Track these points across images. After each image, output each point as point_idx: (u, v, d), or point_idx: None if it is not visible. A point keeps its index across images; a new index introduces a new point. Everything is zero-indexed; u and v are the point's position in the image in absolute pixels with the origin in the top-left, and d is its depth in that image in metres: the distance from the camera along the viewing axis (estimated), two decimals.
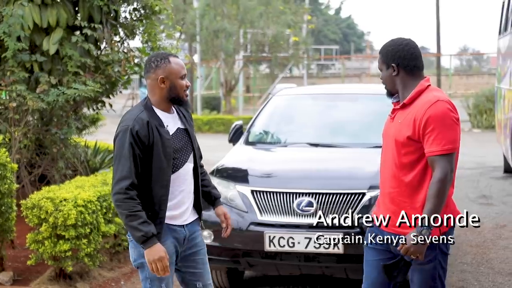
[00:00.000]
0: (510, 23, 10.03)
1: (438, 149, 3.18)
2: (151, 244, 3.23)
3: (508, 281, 5.80)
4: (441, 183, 3.18)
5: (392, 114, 3.39)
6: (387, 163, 3.38)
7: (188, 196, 3.49)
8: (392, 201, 3.35)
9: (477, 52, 75.30)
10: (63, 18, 6.41)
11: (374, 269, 3.50)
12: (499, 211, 8.80)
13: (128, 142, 3.24)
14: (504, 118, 10.68)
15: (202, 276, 3.60)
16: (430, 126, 3.20)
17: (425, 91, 3.32)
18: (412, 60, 3.33)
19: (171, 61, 3.34)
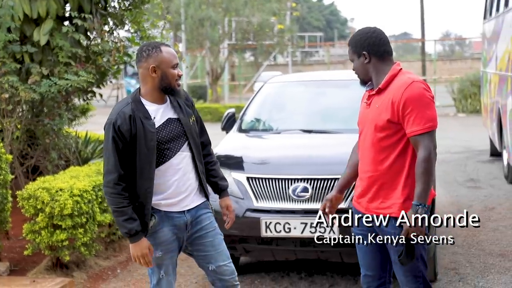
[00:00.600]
0: (495, 7, 10.12)
1: (419, 128, 3.29)
2: (135, 241, 3.34)
3: (499, 261, 5.90)
4: (427, 161, 3.29)
5: (368, 101, 3.47)
6: (365, 148, 3.47)
7: (186, 184, 3.49)
8: (373, 184, 3.44)
9: (459, 37, 75.64)
10: (53, 9, 6.39)
11: (367, 254, 3.60)
12: (487, 194, 8.92)
13: (111, 136, 3.32)
14: (490, 102, 10.80)
15: (214, 258, 3.60)
16: (409, 107, 3.29)
17: (398, 74, 3.41)
18: (381, 46, 3.43)
19: (162, 50, 3.36)
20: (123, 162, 3.34)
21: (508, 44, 8.65)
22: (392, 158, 3.38)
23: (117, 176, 3.31)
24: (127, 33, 7.62)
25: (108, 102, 28.42)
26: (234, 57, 32.51)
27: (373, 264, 3.60)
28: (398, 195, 3.38)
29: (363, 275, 3.66)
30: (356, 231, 3.59)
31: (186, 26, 23.86)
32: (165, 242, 3.47)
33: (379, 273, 3.60)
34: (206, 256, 3.61)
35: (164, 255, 3.48)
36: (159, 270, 3.50)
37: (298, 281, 5.53)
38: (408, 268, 3.44)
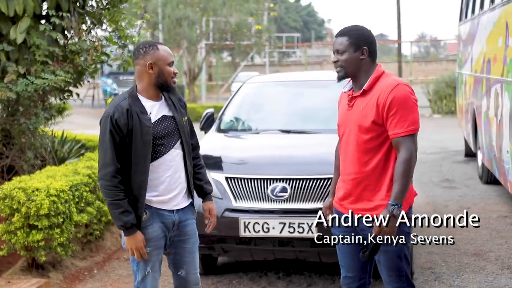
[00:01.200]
0: (471, 9, 10.23)
1: (402, 131, 3.32)
2: (130, 233, 3.41)
3: (473, 261, 5.97)
4: (407, 163, 3.32)
5: (350, 102, 3.46)
6: (349, 150, 3.47)
7: (177, 182, 3.57)
8: (357, 185, 3.46)
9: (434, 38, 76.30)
10: (30, 7, 6.32)
11: (348, 255, 3.62)
12: (462, 194, 9.02)
13: (108, 129, 3.40)
14: (466, 103, 10.91)
15: (187, 264, 3.66)
16: (393, 109, 3.32)
17: (382, 76, 3.44)
18: (375, 46, 3.48)
19: (159, 48, 3.46)
20: (119, 155, 3.41)
21: (483, 46, 8.76)
22: (377, 159, 3.40)
23: (114, 169, 3.38)
24: (104, 32, 7.57)
25: (84, 101, 28.22)
26: (211, 57, 32.45)
27: (354, 265, 3.62)
28: (382, 196, 3.40)
29: (343, 277, 3.67)
30: (337, 232, 3.60)
31: (163, 26, 23.76)
32: (154, 238, 3.52)
33: (359, 274, 3.62)
34: (180, 260, 3.66)
35: (152, 251, 3.52)
36: (145, 266, 3.53)
37: (276, 281, 5.54)
38: (392, 267, 3.47)
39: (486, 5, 8.56)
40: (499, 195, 8.77)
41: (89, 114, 26.07)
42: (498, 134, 7.59)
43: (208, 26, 25.44)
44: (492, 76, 8.04)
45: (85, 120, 22.76)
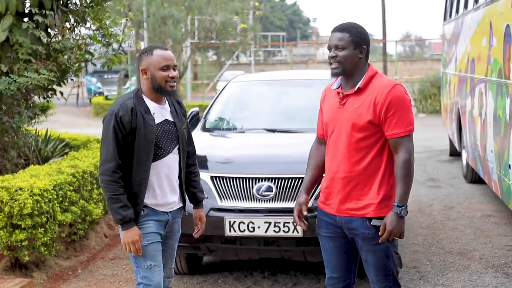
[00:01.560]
0: (455, 9, 10.27)
1: (401, 131, 3.34)
2: (128, 227, 3.50)
3: (458, 260, 6.00)
4: (408, 163, 3.35)
5: (342, 100, 3.44)
6: (339, 148, 3.45)
7: (170, 185, 3.67)
8: (346, 184, 3.44)
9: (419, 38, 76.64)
10: (12, 5, 6.26)
11: (333, 256, 3.60)
12: (446, 193, 9.06)
13: (112, 126, 3.47)
14: (450, 102, 10.96)
15: (165, 258, 3.80)
16: (392, 109, 3.33)
17: (376, 76, 3.44)
18: (370, 46, 3.47)
19: (153, 53, 3.54)
20: (121, 152, 3.49)
21: (468, 46, 8.80)
22: (369, 158, 3.39)
23: (115, 165, 3.46)
24: (88, 30, 7.51)
25: (69, 100, 28.07)
26: (196, 56, 32.36)
27: (339, 266, 3.61)
28: (373, 195, 3.40)
29: (328, 277, 3.66)
30: (322, 234, 3.59)
31: (148, 24, 23.63)
32: (149, 233, 3.61)
33: (344, 274, 3.61)
34: (162, 254, 3.75)
35: (149, 245, 3.60)
36: (145, 260, 3.61)
37: (261, 280, 5.53)
38: (379, 266, 3.47)
39: (470, 4, 8.60)
40: (483, 194, 8.82)
41: (74, 112, 25.95)
42: (482, 133, 7.63)
43: (193, 25, 25.34)
44: (476, 75, 8.08)
45: (70, 118, 22.64)
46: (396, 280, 3.55)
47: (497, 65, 6.69)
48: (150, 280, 3.59)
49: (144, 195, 3.55)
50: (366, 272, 3.55)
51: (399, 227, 3.33)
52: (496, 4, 6.87)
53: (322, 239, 3.62)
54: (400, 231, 3.34)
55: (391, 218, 3.32)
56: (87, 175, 6.18)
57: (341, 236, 3.54)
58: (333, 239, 3.56)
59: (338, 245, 3.57)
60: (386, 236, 3.33)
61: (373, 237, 3.40)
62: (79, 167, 6.14)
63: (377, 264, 3.47)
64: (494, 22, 6.91)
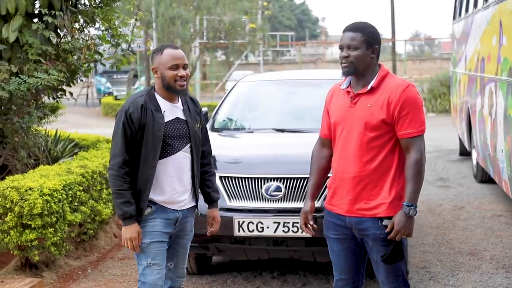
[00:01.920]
0: (464, 8, 10.23)
1: (414, 131, 3.35)
2: (128, 223, 3.55)
3: (468, 260, 5.97)
4: (419, 163, 3.35)
5: (353, 100, 3.42)
6: (349, 148, 3.43)
7: (181, 183, 3.68)
8: (357, 184, 3.42)
9: (429, 37, 76.38)
10: (22, 5, 6.28)
11: (341, 258, 3.59)
12: (456, 193, 9.02)
13: (121, 122, 3.54)
14: (460, 102, 10.92)
15: (177, 258, 3.82)
16: (406, 109, 3.34)
17: (388, 76, 3.44)
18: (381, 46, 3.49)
19: (163, 52, 3.58)
20: (130, 148, 3.55)
21: (477, 45, 8.76)
22: (381, 158, 3.38)
23: (122, 160, 3.52)
24: (97, 30, 7.52)
25: (79, 100, 28.16)
26: (205, 56, 32.39)
27: (347, 268, 3.59)
28: (385, 195, 3.39)
29: (337, 279, 3.64)
30: (330, 235, 3.58)
31: (157, 25, 23.69)
32: (154, 232, 3.63)
33: (353, 276, 3.60)
34: (173, 253, 3.81)
35: (151, 244, 3.62)
36: (146, 258, 3.63)
37: (270, 280, 5.53)
38: (390, 268, 3.45)
39: (480, 3, 8.57)
40: (493, 194, 8.78)
41: (83, 113, 26.03)
42: (492, 132, 7.59)
43: (202, 25, 25.38)
44: (486, 74, 8.04)
45: (79, 119, 22.72)
46: (406, 280, 3.53)
47: (507, 64, 6.66)
48: (146, 278, 3.62)
49: (149, 192, 3.58)
50: (376, 273, 3.53)
51: (407, 227, 3.32)
52: (506, 3, 6.83)
53: (330, 241, 3.60)
54: (408, 230, 3.34)
55: (400, 217, 3.32)
56: (97, 175, 6.19)
57: (349, 237, 3.52)
58: (342, 241, 3.55)
59: (347, 246, 3.55)
60: (393, 235, 3.32)
61: (384, 238, 3.38)
62: (88, 167, 6.15)
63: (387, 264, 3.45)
64: (504, 21, 6.87)
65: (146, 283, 3.62)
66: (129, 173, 3.55)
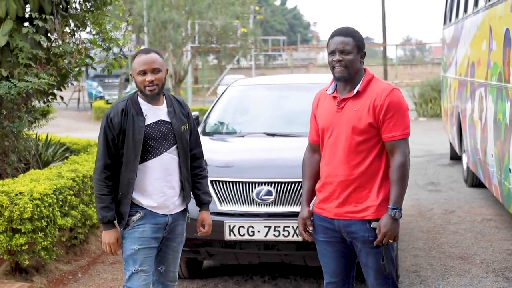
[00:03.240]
0: (455, 13, 10.28)
1: (398, 134, 3.39)
2: (107, 228, 3.62)
3: (458, 264, 5.99)
4: (404, 166, 3.39)
5: (340, 104, 3.45)
6: (337, 152, 3.46)
7: (168, 186, 3.67)
8: (346, 188, 3.44)
9: (420, 42, 76.68)
10: (12, 9, 6.27)
11: (331, 260, 3.60)
12: (447, 197, 9.05)
13: (103, 127, 3.61)
14: (451, 106, 10.96)
15: (168, 261, 3.80)
16: (390, 112, 3.37)
17: (373, 80, 3.48)
18: None
19: (135, 59, 3.63)
20: (112, 153, 3.59)
21: (467, 50, 8.80)
22: (369, 161, 3.42)
23: (103, 164, 3.57)
24: (88, 34, 7.51)
25: (70, 104, 28.09)
26: (197, 60, 32.41)
27: (338, 271, 3.60)
28: (373, 198, 3.41)
29: (327, 283, 3.65)
30: (320, 238, 3.59)
31: (148, 29, 23.69)
32: (143, 238, 3.62)
33: (343, 279, 3.61)
34: (164, 257, 3.79)
35: (140, 250, 3.61)
36: (133, 264, 3.63)
37: (261, 284, 5.53)
38: (379, 270, 3.46)
39: (470, 8, 8.61)
40: (484, 198, 8.81)
41: (75, 117, 25.96)
42: (482, 137, 7.62)
43: (193, 29, 25.40)
44: (476, 79, 8.08)
45: (71, 123, 22.65)
46: (395, 283, 3.55)
47: (497, 69, 6.69)
48: (132, 284, 3.61)
49: (131, 195, 3.60)
50: (365, 276, 3.55)
51: (393, 230, 3.35)
52: (495, 8, 6.87)
53: (320, 244, 3.61)
54: (394, 233, 3.36)
55: (385, 220, 3.35)
56: (87, 180, 6.18)
57: (339, 240, 3.54)
58: (331, 244, 3.56)
59: (337, 249, 3.56)
60: (380, 239, 3.35)
61: (373, 240, 3.40)
62: (79, 171, 6.14)
63: (377, 267, 3.47)
64: (494, 26, 6.91)
65: None
66: (111, 177, 3.59)
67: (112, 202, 3.57)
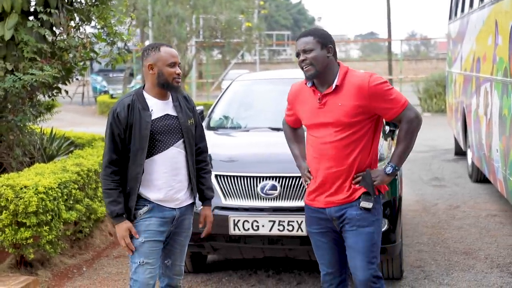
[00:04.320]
0: (460, 8, 10.25)
1: (398, 107, 3.48)
2: (117, 222, 3.62)
3: (463, 259, 5.98)
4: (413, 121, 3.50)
5: (322, 100, 3.52)
6: (325, 147, 3.52)
7: (176, 180, 3.68)
8: (338, 178, 3.53)
9: (425, 37, 76.48)
10: (17, 3, 6.27)
11: (326, 251, 3.68)
12: (452, 192, 9.04)
13: (109, 122, 3.61)
14: (455, 101, 10.94)
15: (174, 255, 3.81)
16: (379, 97, 3.45)
17: (348, 72, 3.55)
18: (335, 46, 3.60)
19: (161, 50, 3.62)
20: (118, 148, 3.59)
21: (473, 45, 8.77)
22: (356, 153, 3.49)
23: (109, 159, 3.58)
24: (93, 29, 7.51)
25: (74, 98, 28.12)
26: (201, 55, 32.39)
27: (334, 261, 3.68)
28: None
29: (324, 274, 3.72)
30: (313, 230, 3.67)
31: (153, 23, 23.66)
32: (149, 230, 3.63)
33: (339, 269, 3.69)
34: (171, 250, 3.81)
35: (146, 243, 3.62)
36: (139, 257, 3.64)
37: (265, 279, 5.53)
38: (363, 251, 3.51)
39: (476, 3, 8.58)
40: (488, 194, 8.80)
41: (79, 111, 26.00)
42: (487, 132, 7.60)
43: (198, 24, 25.38)
44: (481, 74, 8.06)
45: (75, 117, 22.69)
46: (378, 270, 3.59)
47: (502, 64, 6.67)
48: (138, 276, 3.62)
49: (138, 190, 3.60)
50: (349, 261, 3.58)
51: (380, 180, 3.51)
52: (501, 3, 6.84)
53: (314, 236, 3.69)
54: (381, 183, 3.53)
55: (378, 171, 3.51)
56: (92, 173, 6.19)
57: (332, 230, 3.62)
58: (325, 234, 3.64)
59: (330, 239, 3.64)
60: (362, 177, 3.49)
61: (360, 218, 3.49)
62: (84, 165, 6.15)
63: (360, 248, 3.51)
64: (500, 21, 6.88)
65: (138, 282, 3.62)
66: (118, 172, 3.59)
67: (120, 195, 3.58)
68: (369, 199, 3.48)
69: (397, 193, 5.00)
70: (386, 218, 4.86)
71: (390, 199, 4.92)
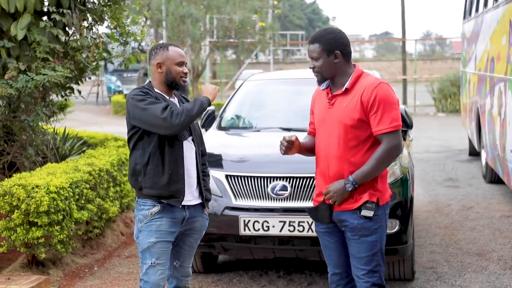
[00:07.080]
0: (475, 7, 10.17)
1: (386, 127, 3.43)
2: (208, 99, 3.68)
3: (476, 261, 5.93)
4: (385, 153, 3.42)
5: (331, 101, 3.53)
6: (330, 148, 3.52)
7: (189, 174, 3.70)
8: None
9: (440, 37, 76.06)
10: (30, 3, 6.30)
11: (333, 251, 3.68)
12: (465, 193, 8.98)
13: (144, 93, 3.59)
14: (470, 102, 10.86)
15: (183, 256, 3.83)
16: (377, 106, 3.42)
17: (362, 75, 3.53)
18: (348, 47, 3.57)
19: (169, 49, 3.69)
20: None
21: (487, 44, 8.70)
22: (360, 155, 3.47)
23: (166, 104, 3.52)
24: (106, 29, 7.54)
25: (89, 98, 28.24)
26: (215, 55, 32.42)
27: (341, 261, 3.68)
28: (370, 190, 3.49)
29: (331, 274, 3.73)
30: (320, 230, 3.68)
31: (167, 23, 23.71)
32: (160, 231, 3.64)
33: (346, 269, 3.68)
34: (179, 252, 3.82)
35: (157, 243, 3.63)
36: (150, 257, 3.65)
37: (276, 279, 5.52)
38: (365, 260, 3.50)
39: (490, 3, 8.51)
40: (502, 195, 8.72)
41: (93, 111, 26.11)
42: (501, 133, 7.54)
43: (212, 24, 25.39)
44: (495, 74, 7.99)
45: (90, 117, 22.79)
46: (382, 278, 3.55)
47: None
48: (149, 277, 3.63)
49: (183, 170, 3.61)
50: (352, 269, 3.58)
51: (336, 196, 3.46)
52: None
53: (321, 235, 3.71)
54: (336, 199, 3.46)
55: (337, 184, 3.45)
56: (104, 173, 6.20)
57: (338, 230, 3.62)
58: (331, 234, 3.64)
59: (337, 239, 3.64)
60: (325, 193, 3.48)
61: (361, 228, 3.47)
62: (95, 165, 6.16)
63: (362, 257, 3.51)
64: None
65: (149, 283, 3.63)
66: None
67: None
68: (370, 208, 3.46)
69: (408, 194, 4.97)
70: (398, 219, 4.83)
71: (402, 200, 4.90)
